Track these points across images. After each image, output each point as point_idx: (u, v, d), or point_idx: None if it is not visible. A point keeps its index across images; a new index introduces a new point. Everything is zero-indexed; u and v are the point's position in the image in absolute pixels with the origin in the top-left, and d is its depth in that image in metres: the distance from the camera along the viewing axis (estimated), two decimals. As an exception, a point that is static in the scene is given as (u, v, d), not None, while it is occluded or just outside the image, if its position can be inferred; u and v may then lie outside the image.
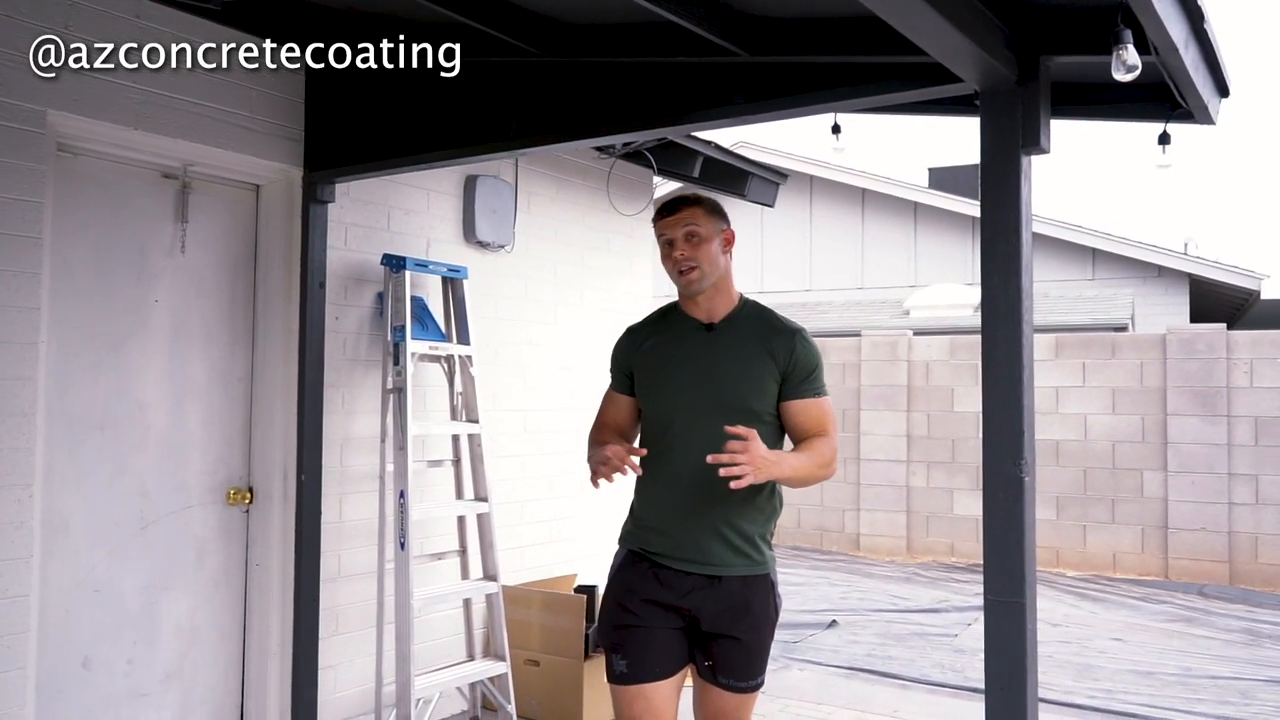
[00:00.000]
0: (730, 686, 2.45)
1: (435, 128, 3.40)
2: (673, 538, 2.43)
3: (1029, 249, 2.34)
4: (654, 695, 2.41)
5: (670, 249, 2.47)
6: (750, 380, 2.42)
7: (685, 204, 2.49)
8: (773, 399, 2.43)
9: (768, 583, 2.47)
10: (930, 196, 13.46)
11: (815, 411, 2.45)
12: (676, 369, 2.48)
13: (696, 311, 2.51)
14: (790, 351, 2.43)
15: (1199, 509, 8.17)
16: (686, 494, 2.41)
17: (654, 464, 2.45)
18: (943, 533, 9.23)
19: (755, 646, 2.45)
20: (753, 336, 2.46)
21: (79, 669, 3.28)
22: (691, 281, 2.45)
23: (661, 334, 2.56)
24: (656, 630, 2.43)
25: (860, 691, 5.04)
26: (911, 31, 2.04)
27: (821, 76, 2.64)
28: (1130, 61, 1.99)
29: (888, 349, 9.57)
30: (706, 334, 2.49)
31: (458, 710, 4.35)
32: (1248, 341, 8.16)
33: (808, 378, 2.45)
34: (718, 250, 2.48)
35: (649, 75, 2.94)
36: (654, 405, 2.52)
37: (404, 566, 3.81)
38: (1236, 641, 6.28)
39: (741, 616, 2.42)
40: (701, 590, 2.41)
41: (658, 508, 2.47)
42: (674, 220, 2.47)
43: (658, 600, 2.43)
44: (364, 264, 4.06)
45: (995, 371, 2.33)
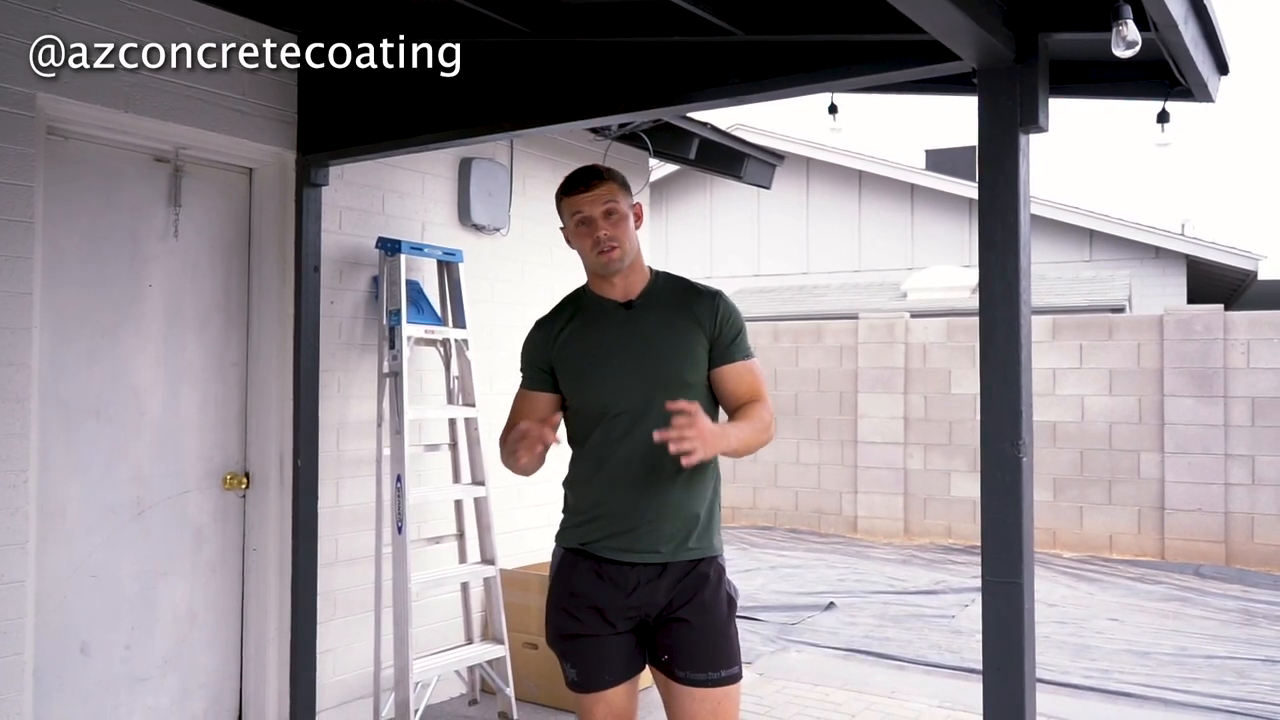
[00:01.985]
0: (690, 680, 2.25)
1: (429, 110, 3.37)
2: (616, 526, 2.28)
3: (1027, 228, 2.33)
4: (614, 699, 2.31)
5: (588, 228, 2.31)
6: (681, 352, 2.30)
7: (600, 179, 2.32)
8: (704, 368, 2.32)
9: (717, 566, 2.33)
10: (928, 178, 13.42)
11: (747, 375, 2.34)
12: (602, 355, 2.33)
13: (612, 292, 2.37)
14: (714, 314, 2.32)
15: (1195, 490, 8.18)
16: (629, 480, 2.27)
17: (590, 455, 2.33)
18: (940, 515, 9.25)
19: (710, 632, 2.27)
20: (674, 306, 2.35)
21: (77, 654, 3.28)
22: (612, 261, 2.30)
23: (577, 322, 2.39)
24: (605, 639, 2.30)
25: (858, 672, 5.06)
26: (908, 8, 2.02)
27: (818, 55, 2.62)
28: (1130, 37, 1.98)
29: (885, 331, 9.56)
30: (626, 313, 2.35)
31: (457, 693, 4.36)
32: (1245, 322, 8.16)
33: (734, 340, 2.33)
34: (631, 226, 2.35)
35: (644, 55, 2.92)
36: (584, 395, 2.35)
37: (401, 550, 3.81)
38: (1232, 621, 6.31)
39: (689, 599, 2.26)
40: (648, 584, 2.27)
41: (598, 497, 2.32)
42: (591, 197, 2.30)
43: (605, 606, 2.28)
44: (359, 247, 4.04)
45: (993, 352, 2.33)
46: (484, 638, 4.36)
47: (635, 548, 2.27)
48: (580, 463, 2.37)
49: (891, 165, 13.60)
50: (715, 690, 2.25)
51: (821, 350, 9.85)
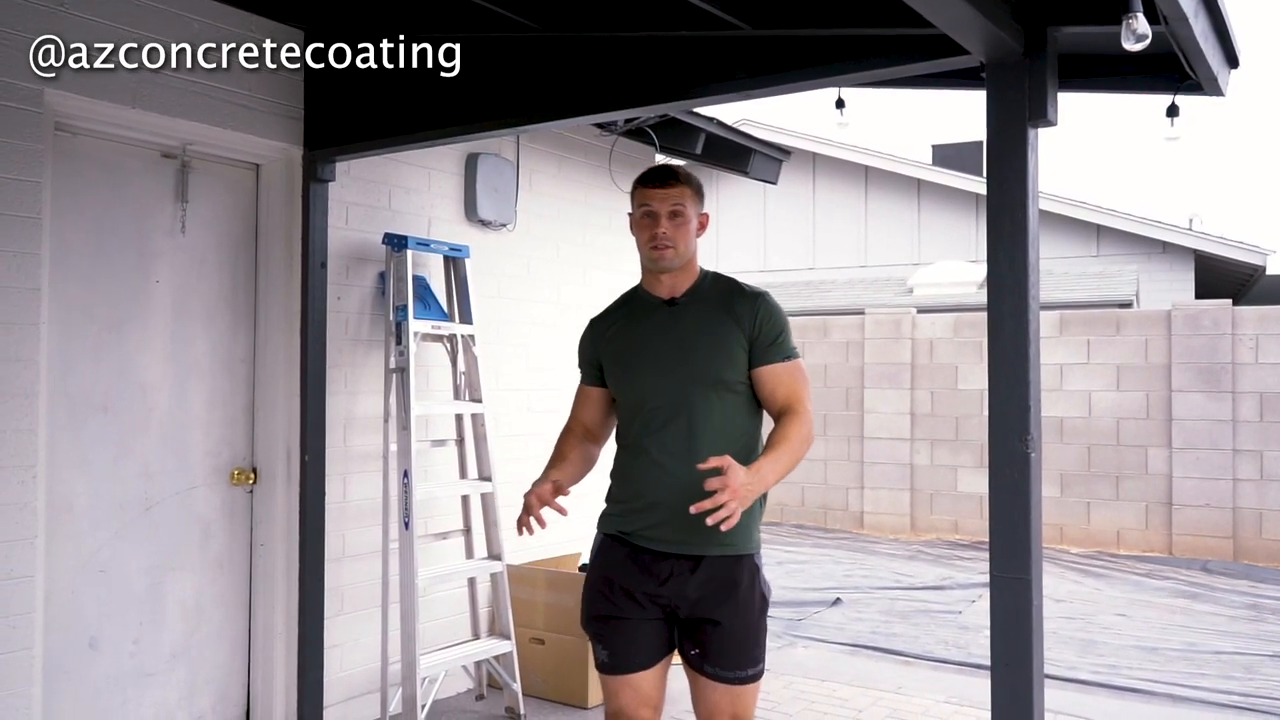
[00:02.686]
0: (717, 676, 2.34)
1: (437, 105, 3.37)
2: (652, 517, 2.36)
3: (1035, 223, 2.32)
4: (640, 683, 2.37)
5: (651, 221, 2.41)
6: (719, 350, 2.36)
7: (676, 180, 2.43)
8: (743, 367, 2.37)
9: (752, 565, 2.38)
10: (934, 174, 13.38)
11: (786, 377, 2.38)
12: (643, 350, 2.43)
13: (659, 289, 2.47)
14: (754, 315, 2.38)
15: (1203, 485, 8.16)
16: (667, 474, 2.34)
17: (631, 447, 2.42)
18: (946, 510, 9.24)
19: (740, 633, 2.33)
20: (716, 305, 2.42)
21: (86, 649, 3.29)
22: (663, 258, 2.40)
23: (624, 319, 2.51)
24: (636, 622, 2.37)
25: (864, 668, 5.05)
26: (917, 3, 2.01)
27: (825, 50, 2.61)
28: (1140, 30, 1.96)
29: (891, 327, 9.54)
30: (669, 310, 2.44)
31: (464, 689, 4.37)
32: (1253, 317, 8.13)
33: (775, 341, 2.38)
34: (693, 232, 2.46)
35: (651, 50, 2.91)
36: (625, 391, 2.46)
37: (408, 546, 3.82)
38: (1240, 617, 6.29)
39: (723, 600, 2.32)
40: (680, 576, 2.33)
41: (638, 488, 2.40)
42: (663, 194, 2.41)
43: (635, 590, 2.36)
44: (365, 243, 4.04)
45: (1001, 347, 2.32)
46: (490, 633, 4.37)
47: (669, 538, 2.34)
48: (623, 454, 2.47)
49: (898, 160, 13.56)
50: (741, 689, 2.35)
51: (828, 346, 9.84)
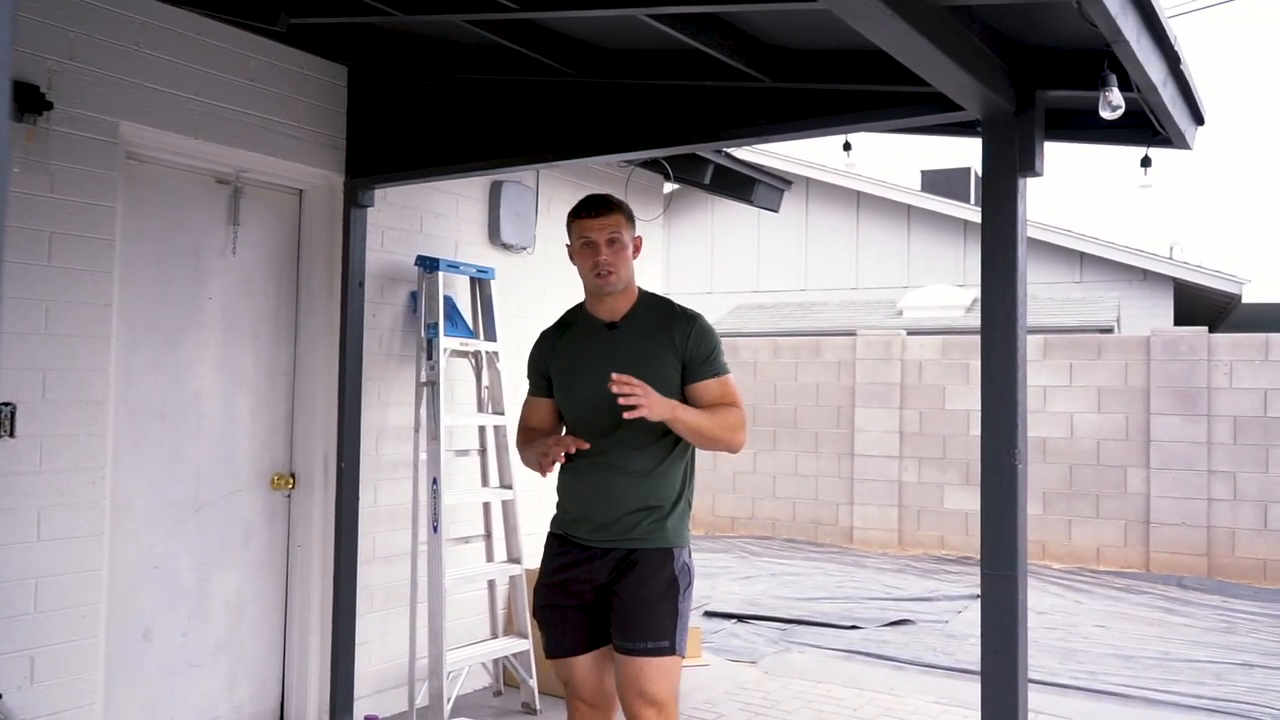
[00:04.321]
0: (620, 648, 2.53)
1: (474, 139, 3.66)
2: (583, 518, 2.63)
3: (1024, 260, 2.62)
4: (575, 666, 2.65)
5: (591, 251, 2.60)
6: (650, 370, 2.53)
7: (609, 209, 2.62)
8: (674, 386, 2.57)
9: (665, 553, 2.57)
10: (923, 199, 13.76)
11: (716, 389, 2.60)
12: (583, 369, 2.64)
13: (601, 311, 2.67)
14: (687, 336, 2.59)
15: (1179, 504, 8.49)
16: (595, 482, 2.60)
17: (573, 456, 2.61)
18: (933, 526, 9.54)
19: (635, 605, 2.52)
20: (652, 328, 2.63)
21: (140, 640, 3.53)
22: (607, 284, 2.61)
23: (570, 336, 2.73)
24: (567, 610, 2.63)
25: (858, 672, 5.33)
26: (922, 70, 2.32)
27: (838, 102, 2.92)
28: (1115, 102, 2.27)
29: (882, 348, 9.87)
30: (609, 333, 2.65)
31: (482, 685, 4.62)
32: (1228, 344, 8.49)
33: (707, 359, 2.60)
34: (630, 256, 2.65)
35: (678, 97, 3.21)
36: (566, 405, 2.71)
37: (436, 549, 4.08)
38: (1213, 628, 6.60)
39: (623, 577, 2.55)
40: (591, 561, 2.59)
41: (572, 494, 2.68)
42: (598, 224, 2.59)
43: (559, 581, 2.65)
44: (398, 264, 4.32)
45: (992, 370, 2.61)
46: (507, 632, 4.62)
47: (594, 536, 2.62)
48: (565, 462, 2.66)
49: (888, 186, 13.94)
50: (640, 659, 2.50)
51: (820, 365, 10.15)
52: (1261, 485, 8.22)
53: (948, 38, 2.19)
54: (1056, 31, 2.45)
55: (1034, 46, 2.53)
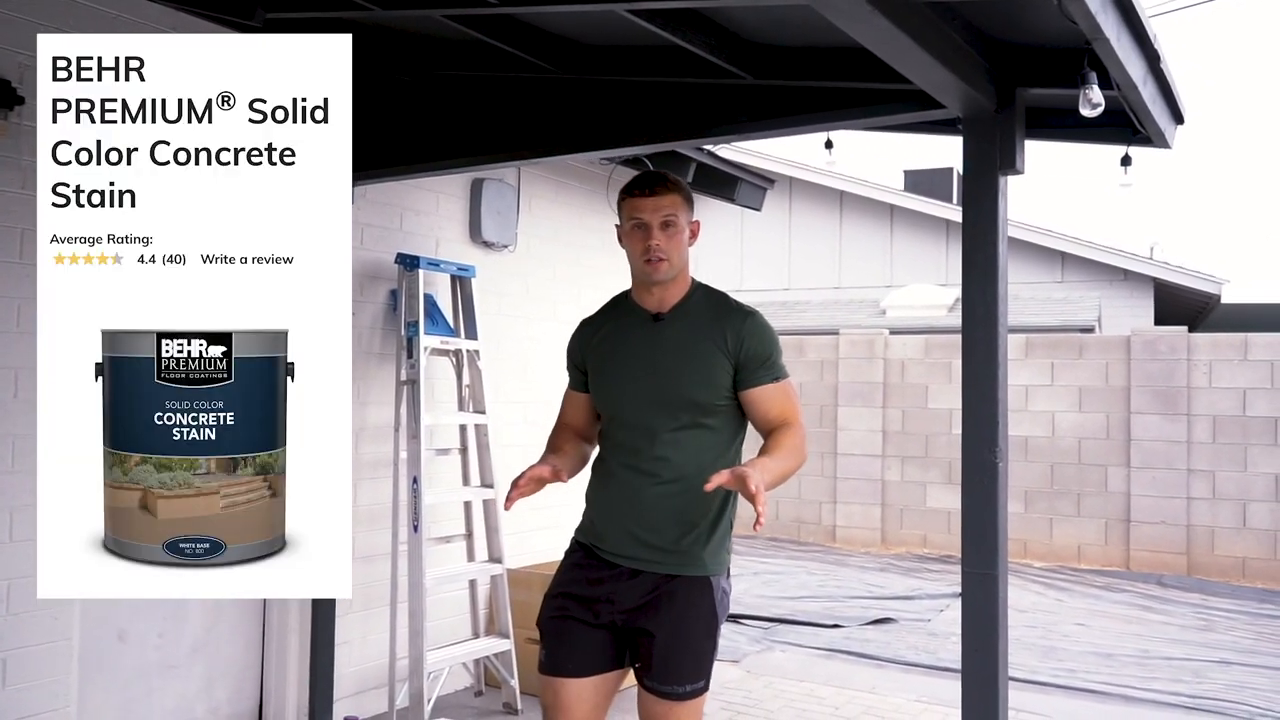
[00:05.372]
0: (652, 689, 2.26)
1: (454, 136, 3.63)
2: (609, 531, 2.35)
3: (1005, 258, 2.61)
4: (563, 690, 2.29)
5: (643, 234, 2.31)
6: (696, 372, 2.30)
7: (666, 188, 2.33)
8: (723, 389, 2.32)
9: (704, 583, 2.31)
10: (906, 199, 13.80)
11: (778, 397, 2.34)
12: (622, 363, 2.38)
13: (648, 300, 2.38)
14: (740, 337, 2.31)
15: (1159, 503, 8.55)
16: (631, 492, 2.32)
17: (602, 458, 2.42)
18: (916, 525, 9.57)
19: (676, 648, 2.25)
20: (701, 324, 2.34)
21: (116, 641, 3.49)
22: (658, 271, 2.31)
23: (611, 327, 2.45)
24: (574, 625, 2.31)
25: (840, 670, 5.33)
26: (903, 67, 2.31)
27: (820, 99, 2.91)
28: (1095, 99, 2.27)
29: (865, 347, 9.89)
30: (653, 324, 2.37)
31: (463, 685, 4.60)
32: (1207, 344, 8.55)
33: (765, 363, 2.33)
34: (686, 242, 2.36)
35: (660, 94, 3.19)
36: (602, 401, 2.44)
37: (417, 548, 4.05)
38: (1191, 627, 6.65)
39: (658, 611, 2.26)
40: (618, 581, 2.30)
41: (601, 499, 2.40)
42: (654, 203, 2.30)
43: (577, 593, 2.33)
44: (378, 262, 4.29)
45: (974, 368, 2.61)
46: (489, 632, 4.60)
47: (623, 552, 2.31)
48: (596, 464, 2.46)
49: (872, 186, 13.98)
50: (677, 704, 2.26)
51: (803, 364, 10.16)
52: (1240, 484, 8.29)
53: (929, 35, 2.18)
54: (1037, 29, 2.45)
55: (1014, 44, 2.53)
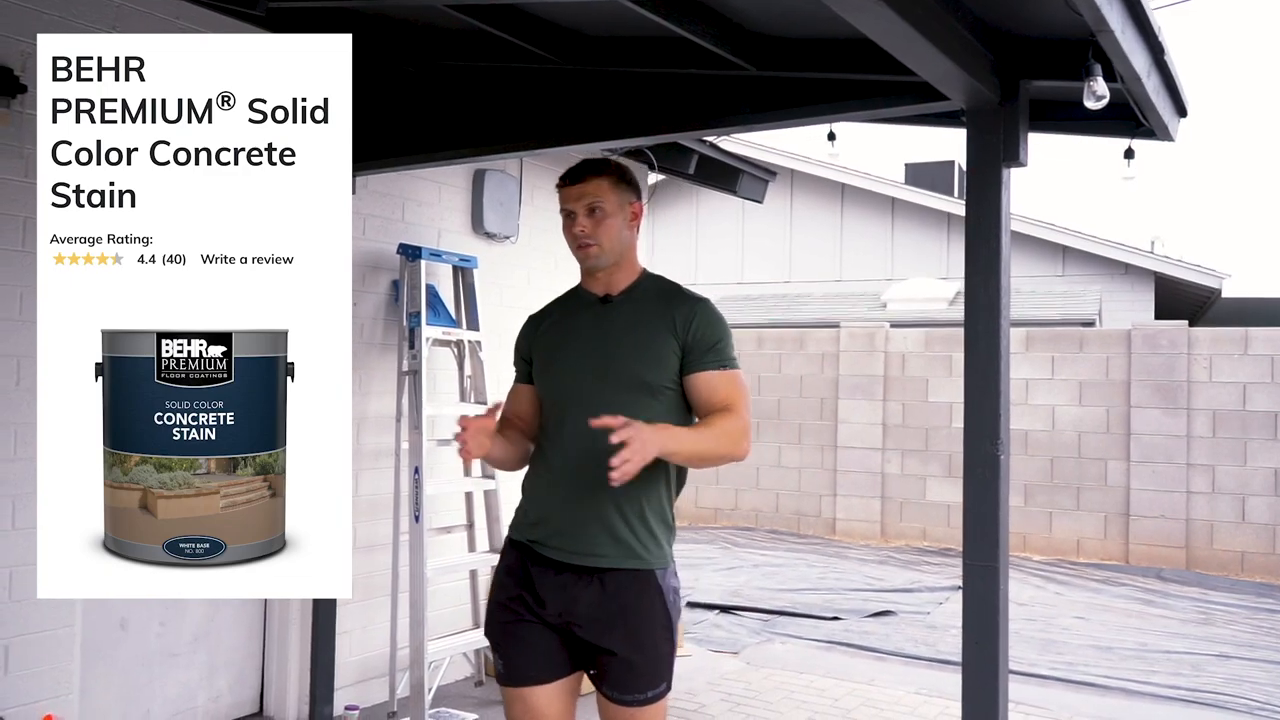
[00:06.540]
0: (615, 699, 2.20)
1: (456, 127, 3.63)
2: (554, 525, 2.23)
3: (1007, 251, 2.61)
4: (532, 699, 2.21)
5: (570, 221, 2.30)
6: (645, 351, 2.23)
7: (591, 173, 2.30)
8: (671, 371, 2.23)
9: (654, 584, 2.21)
10: (907, 192, 13.79)
11: (723, 384, 2.23)
12: (569, 347, 2.31)
13: (594, 286, 2.35)
14: (690, 320, 2.24)
15: (1159, 497, 8.56)
16: (573, 478, 2.22)
17: (545, 449, 2.30)
18: (916, 518, 9.58)
19: (639, 661, 2.19)
20: (651, 307, 2.29)
21: (117, 629, 3.50)
22: (589, 257, 2.29)
23: (560, 314, 2.41)
24: (533, 628, 2.22)
25: (839, 663, 5.34)
26: (907, 59, 2.30)
27: (823, 91, 2.90)
28: (1099, 91, 2.27)
29: (865, 340, 9.89)
30: (602, 306, 2.32)
31: (464, 675, 4.61)
32: (1208, 338, 8.55)
33: (712, 348, 2.24)
34: (622, 226, 2.30)
35: (663, 85, 3.19)
36: (546, 388, 2.33)
37: (418, 538, 4.06)
38: (1191, 620, 6.66)
39: (617, 625, 2.18)
40: (573, 588, 2.19)
41: (542, 492, 2.29)
42: (576, 192, 2.29)
43: (528, 599, 2.23)
44: (380, 253, 4.29)
45: (976, 361, 2.61)
46: (489, 624, 4.60)
47: (568, 548, 2.21)
48: (536, 456, 2.35)
49: (873, 179, 13.96)
50: (635, 708, 2.21)
51: (804, 357, 10.16)
52: (1239, 478, 8.30)
53: (933, 26, 2.17)
54: (1041, 21, 2.45)
55: (1019, 36, 2.52)
